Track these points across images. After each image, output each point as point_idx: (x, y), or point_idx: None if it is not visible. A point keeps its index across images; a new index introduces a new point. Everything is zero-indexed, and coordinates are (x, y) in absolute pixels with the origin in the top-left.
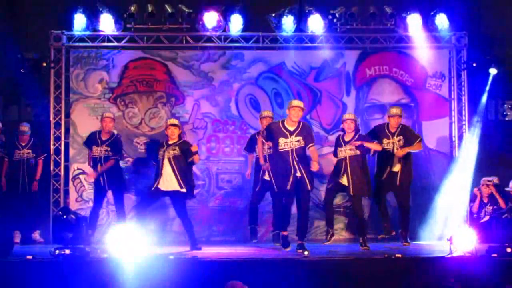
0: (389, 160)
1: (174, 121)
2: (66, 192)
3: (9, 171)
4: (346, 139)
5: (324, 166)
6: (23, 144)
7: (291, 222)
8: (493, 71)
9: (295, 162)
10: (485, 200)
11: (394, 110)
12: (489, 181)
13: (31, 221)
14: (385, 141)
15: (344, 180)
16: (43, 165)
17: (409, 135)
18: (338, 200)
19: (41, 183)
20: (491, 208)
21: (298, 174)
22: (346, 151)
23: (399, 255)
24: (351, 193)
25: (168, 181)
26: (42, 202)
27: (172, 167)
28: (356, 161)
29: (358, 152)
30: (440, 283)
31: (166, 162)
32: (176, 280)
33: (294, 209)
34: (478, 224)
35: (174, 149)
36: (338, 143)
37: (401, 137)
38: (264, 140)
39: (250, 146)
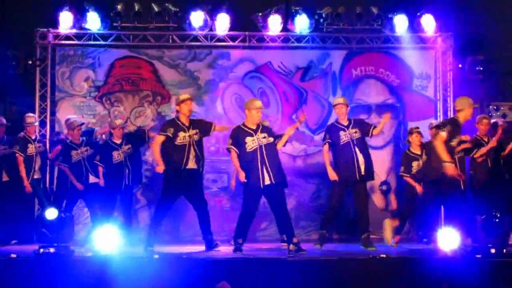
0: None
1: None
2: (51, 191)
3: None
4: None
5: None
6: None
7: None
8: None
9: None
10: (418, 151)
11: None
12: (416, 128)
13: (15, 220)
14: None
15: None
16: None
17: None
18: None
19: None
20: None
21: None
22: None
23: (384, 255)
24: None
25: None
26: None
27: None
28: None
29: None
30: (424, 284)
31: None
32: (160, 280)
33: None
34: (462, 225)
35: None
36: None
37: None
38: None
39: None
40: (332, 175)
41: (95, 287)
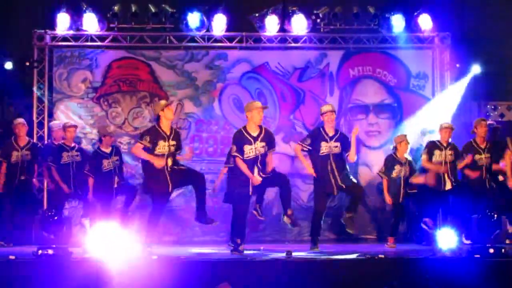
0: None
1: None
2: (49, 192)
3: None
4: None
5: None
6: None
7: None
8: (476, 69)
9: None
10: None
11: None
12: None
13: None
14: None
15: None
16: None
17: None
18: None
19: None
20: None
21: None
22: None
23: (382, 256)
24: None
25: None
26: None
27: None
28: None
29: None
30: (422, 284)
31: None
32: (159, 281)
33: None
34: (461, 224)
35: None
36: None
37: None
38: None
39: None
40: (310, 170)
41: None
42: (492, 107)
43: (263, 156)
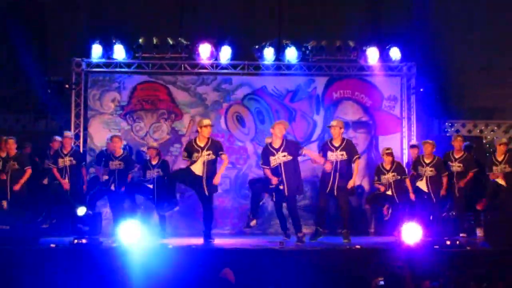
0: None
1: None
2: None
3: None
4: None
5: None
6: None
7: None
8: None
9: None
10: (388, 167)
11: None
12: (387, 149)
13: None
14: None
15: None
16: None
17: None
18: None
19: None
20: (393, 175)
21: None
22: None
23: (359, 246)
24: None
25: None
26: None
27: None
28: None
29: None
30: (391, 269)
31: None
32: (173, 266)
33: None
34: (423, 221)
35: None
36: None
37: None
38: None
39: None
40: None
41: (119, 271)
42: (450, 124)
43: (287, 165)
